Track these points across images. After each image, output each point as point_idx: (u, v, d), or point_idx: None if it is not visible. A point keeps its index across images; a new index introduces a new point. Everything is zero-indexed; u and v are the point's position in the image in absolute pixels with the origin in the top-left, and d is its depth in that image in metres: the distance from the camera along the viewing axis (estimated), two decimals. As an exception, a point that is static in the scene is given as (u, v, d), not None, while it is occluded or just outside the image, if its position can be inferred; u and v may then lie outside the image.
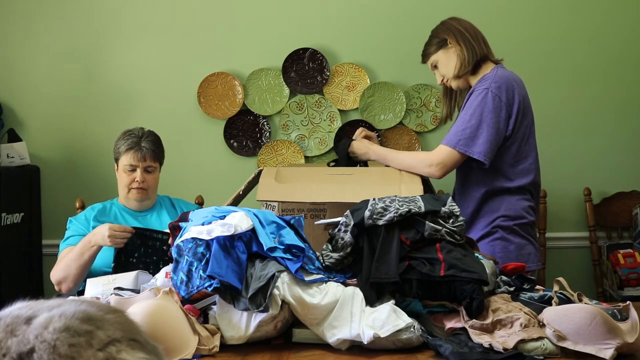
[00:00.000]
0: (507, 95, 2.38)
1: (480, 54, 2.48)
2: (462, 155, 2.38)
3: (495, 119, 2.35)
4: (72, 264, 2.41)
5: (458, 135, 2.38)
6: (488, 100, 2.37)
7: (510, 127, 2.39)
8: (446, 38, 2.51)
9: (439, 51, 2.53)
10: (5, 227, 3.27)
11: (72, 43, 3.55)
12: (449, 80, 2.55)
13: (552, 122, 3.50)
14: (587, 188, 3.47)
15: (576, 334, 1.49)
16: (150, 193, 2.65)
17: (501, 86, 2.38)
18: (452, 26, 2.52)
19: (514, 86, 2.41)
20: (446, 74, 2.54)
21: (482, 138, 2.35)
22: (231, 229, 1.66)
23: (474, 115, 2.37)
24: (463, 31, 2.50)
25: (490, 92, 2.37)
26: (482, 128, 2.35)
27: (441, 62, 2.54)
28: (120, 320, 1.08)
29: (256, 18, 3.54)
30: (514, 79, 2.45)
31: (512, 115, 2.39)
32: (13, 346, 0.99)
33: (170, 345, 1.47)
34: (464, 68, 2.48)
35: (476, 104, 2.38)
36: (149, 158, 2.60)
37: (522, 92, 2.45)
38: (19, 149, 3.42)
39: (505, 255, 2.36)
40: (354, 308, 1.62)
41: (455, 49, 2.49)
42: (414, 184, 2.24)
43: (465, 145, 2.36)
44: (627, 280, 3.28)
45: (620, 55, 3.52)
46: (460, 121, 2.41)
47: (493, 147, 2.36)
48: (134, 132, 2.63)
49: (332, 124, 3.53)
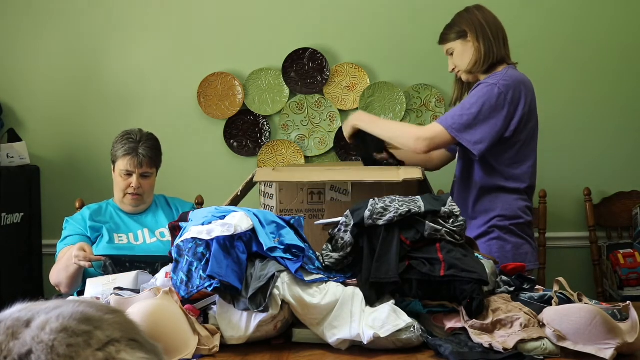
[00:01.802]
0: (513, 96, 2.35)
1: (497, 56, 2.43)
2: (452, 138, 2.34)
3: (495, 115, 2.33)
4: (61, 274, 2.40)
5: (455, 119, 2.34)
6: (493, 95, 2.33)
7: (512, 128, 2.36)
8: (466, 31, 2.45)
9: (457, 41, 2.47)
10: (5, 227, 3.27)
11: (72, 43, 3.56)
12: (460, 72, 2.51)
13: (552, 122, 3.49)
14: (587, 188, 3.47)
15: (576, 334, 1.49)
16: (145, 198, 2.65)
17: (509, 85, 2.35)
18: (475, 19, 2.46)
19: (522, 88, 2.38)
20: (459, 65, 2.50)
21: (477, 129, 2.32)
22: (231, 229, 1.66)
23: (475, 104, 2.34)
24: (485, 27, 2.44)
25: (497, 88, 2.34)
26: (479, 120, 2.32)
27: (457, 52, 2.48)
28: (119, 320, 1.08)
29: (256, 18, 3.54)
30: (524, 81, 2.41)
31: (515, 117, 2.36)
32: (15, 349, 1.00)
33: (170, 345, 1.47)
34: (477, 66, 2.44)
35: (480, 94, 2.35)
36: (145, 165, 2.59)
37: (530, 96, 2.41)
38: (19, 149, 3.42)
39: (502, 255, 2.35)
40: (354, 308, 1.62)
41: (473, 44, 2.44)
42: (412, 169, 2.24)
43: (458, 130, 2.33)
44: (627, 280, 3.28)
45: (622, 56, 3.52)
46: (460, 107, 2.38)
47: (486, 142, 2.33)
48: (132, 136, 2.61)
49: (332, 124, 3.53)
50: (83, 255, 2.28)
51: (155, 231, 2.63)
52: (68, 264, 2.35)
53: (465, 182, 2.49)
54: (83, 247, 2.32)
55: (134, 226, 2.63)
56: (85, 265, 2.28)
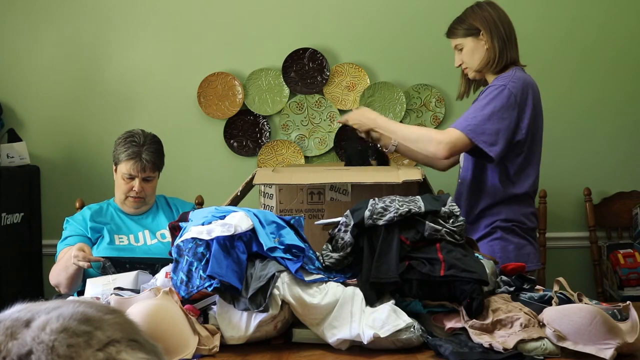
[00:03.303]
0: (522, 97, 2.33)
1: (510, 58, 2.41)
2: (470, 141, 2.30)
3: (508, 116, 2.30)
4: (60, 274, 2.40)
5: (469, 121, 2.31)
6: (503, 97, 2.31)
7: (523, 130, 2.34)
8: (480, 29, 2.40)
9: (469, 37, 2.42)
10: (5, 227, 3.27)
11: (72, 43, 3.56)
12: (468, 69, 2.47)
13: (552, 122, 3.47)
14: (587, 188, 3.47)
15: (576, 334, 1.49)
16: (147, 200, 2.65)
17: (518, 86, 2.33)
18: (489, 17, 2.40)
19: (529, 91, 2.36)
20: (468, 63, 2.45)
21: (492, 131, 2.29)
22: (231, 229, 1.66)
23: (487, 106, 2.31)
24: (500, 27, 2.39)
25: (507, 90, 2.32)
26: (493, 121, 2.29)
27: (467, 49, 2.43)
28: (119, 320, 1.08)
29: (256, 18, 3.54)
30: (531, 83, 2.39)
31: (525, 119, 2.33)
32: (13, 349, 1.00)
33: (170, 345, 1.47)
34: (489, 67, 2.42)
35: (491, 97, 2.32)
36: (148, 169, 2.57)
37: (536, 97, 2.39)
38: (19, 149, 3.42)
39: (505, 255, 2.35)
40: (354, 308, 1.62)
41: (487, 44, 2.40)
42: (411, 170, 2.24)
43: (474, 132, 2.29)
44: (627, 280, 3.28)
45: (621, 55, 3.53)
46: (472, 109, 2.35)
47: (501, 143, 2.30)
48: (135, 139, 2.58)
49: (332, 124, 3.53)
50: (82, 255, 2.27)
51: (156, 232, 2.63)
52: (67, 264, 2.35)
53: (476, 186, 2.45)
54: (82, 247, 2.31)
55: (135, 227, 2.62)
56: (84, 265, 2.28)
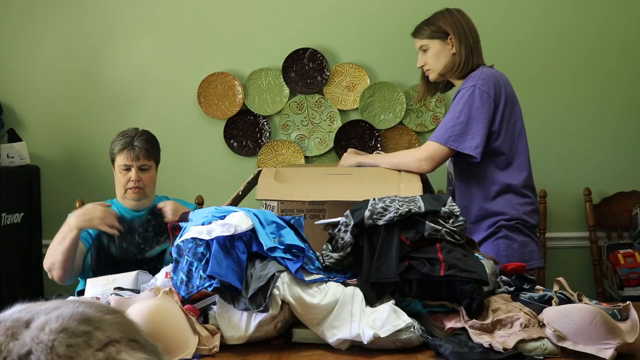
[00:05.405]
0: (495, 91, 2.39)
1: (475, 64, 2.47)
2: (451, 150, 2.39)
3: (484, 114, 2.37)
4: (56, 249, 2.43)
5: (448, 132, 2.38)
6: (476, 97, 2.38)
7: (497, 121, 2.40)
8: (449, 33, 2.47)
9: (436, 40, 2.49)
10: (5, 227, 3.27)
11: (72, 43, 3.56)
12: (430, 71, 2.54)
13: (552, 122, 3.50)
14: (587, 188, 3.47)
15: (576, 334, 1.49)
16: (147, 192, 2.64)
17: (488, 82, 2.40)
18: (458, 23, 2.48)
19: (500, 82, 2.43)
20: (431, 65, 2.52)
21: (472, 134, 2.36)
22: (231, 229, 1.66)
23: (462, 112, 2.38)
24: (468, 34, 2.47)
25: (478, 89, 2.38)
26: (471, 124, 2.36)
27: (433, 51, 2.50)
28: (119, 320, 1.08)
29: (256, 18, 3.54)
30: (500, 76, 2.46)
31: (499, 110, 2.40)
32: (14, 349, 1.00)
33: (170, 345, 1.47)
34: (452, 71, 2.49)
35: (464, 100, 2.39)
36: (142, 156, 2.59)
37: (508, 88, 2.46)
38: (19, 149, 3.42)
39: (510, 253, 2.38)
40: (354, 308, 1.62)
41: (454, 49, 2.47)
42: (413, 182, 2.24)
43: (456, 142, 2.37)
44: (627, 280, 3.28)
45: (621, 56, 3.52)
46: (449, 118, 2.41)
47: (482, 142, 2.36)
48: (127, 133, 2.63)
49: (332, 124, 3.53)
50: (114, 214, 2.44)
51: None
52: (64, 234, 2.39)
53: (464, 189, 2.49)
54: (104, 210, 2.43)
55: None
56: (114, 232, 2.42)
